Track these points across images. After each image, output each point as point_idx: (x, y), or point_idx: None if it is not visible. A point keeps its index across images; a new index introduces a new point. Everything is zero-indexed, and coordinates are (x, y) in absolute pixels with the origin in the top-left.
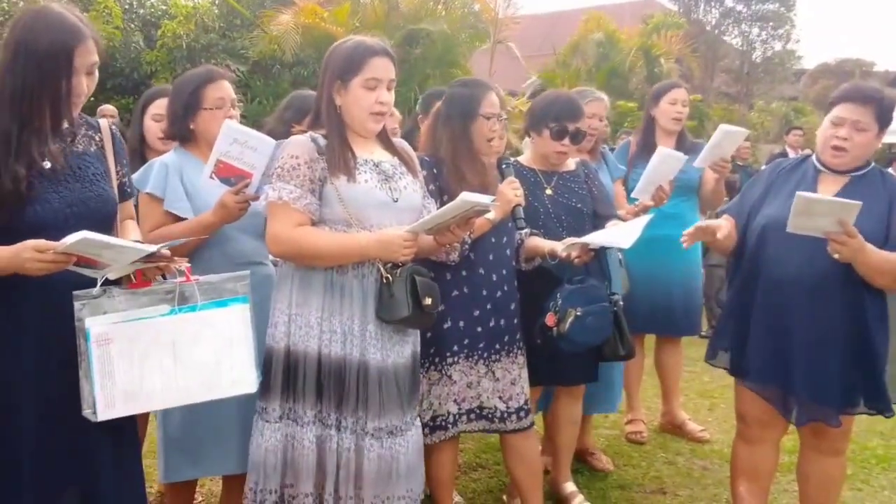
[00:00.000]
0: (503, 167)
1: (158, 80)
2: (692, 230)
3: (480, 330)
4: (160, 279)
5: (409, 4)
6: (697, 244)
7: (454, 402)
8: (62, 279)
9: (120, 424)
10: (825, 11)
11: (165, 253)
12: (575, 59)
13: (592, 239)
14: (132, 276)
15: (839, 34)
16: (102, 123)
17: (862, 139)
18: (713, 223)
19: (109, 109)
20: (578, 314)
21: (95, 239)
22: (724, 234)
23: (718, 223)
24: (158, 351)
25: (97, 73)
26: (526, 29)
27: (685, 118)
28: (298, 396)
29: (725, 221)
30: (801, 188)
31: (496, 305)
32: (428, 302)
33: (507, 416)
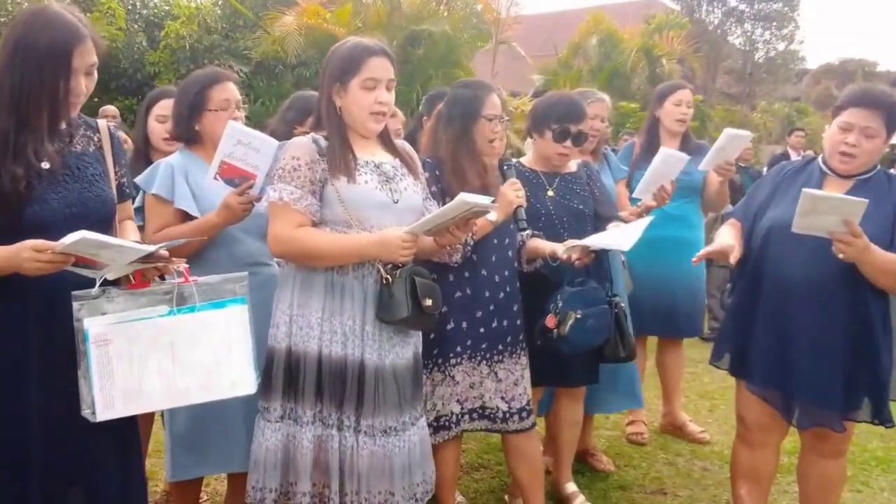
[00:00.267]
0: (505, 168)
1: (162, 80)
2: (703, 253)
3: (483, 331)
4: (157, 280)
5: (411, 5)
6: (701, 243)
7: (457, 402)
8: (61, 279)
9: (121, 425)
10: (828, 11)
11: (164, 254)
12: (577, 59)
13: (593, 241)
14: (131, 276)
15: (842, 34)
16: (101, 124)
17: (870, 146)
18: (725, 246)
19: (111, 110)
20: (579, 316)
21: (94, 239)
22: (736, 256)
23: (730, 245)
24: (157, 352)
25: (96, 73)
26: (528, 29)
27: (690, 119)
28: (299, 396)
29: (735, 240)
30: None
31: (498, 307)
32: (428, 303)
33: (509, 416)
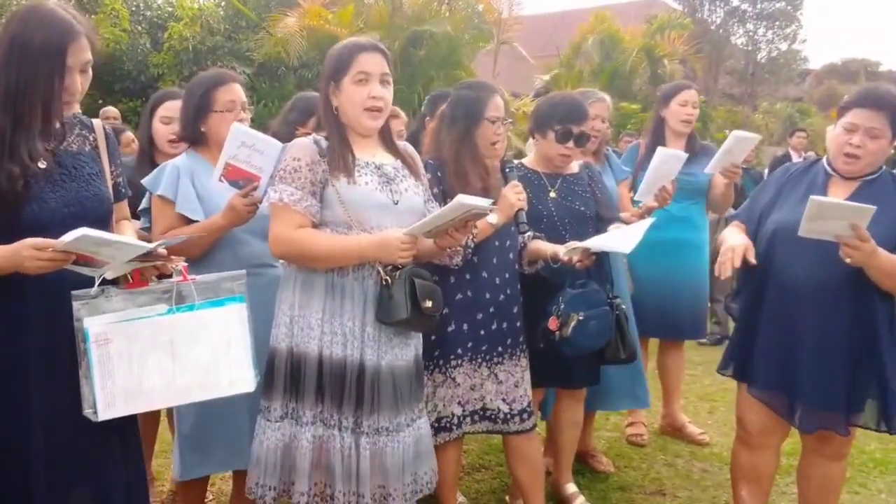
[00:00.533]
0: (507, 170)
1: (165, 82)
2: (726, 262)
3: (483, 333)
4: (154, 280)
5: (412, 5)
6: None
7: (458, 404)
8: (60, 279)
9: (121, 423)
10: (830, 11)
11: (162, 252)
12: (578, 60)
13: (594, 243)
14: (129, 276)
15: (844, 34)
16: (96, 123)
17: (875, 146)
18: (743, 245)
19: (112, 112)
20: (581, 318)
21: (95, 236)
22: (753, 254)
23: (745, 244)
24: (157, 350)
25: (91, 71)
26: (529, 30)
27: (695, 119)
28: (300, 397)
29: (743, 236)
30: (811, 193)
31: (499, 309)
32: (428, 305)
33: (510, 417)
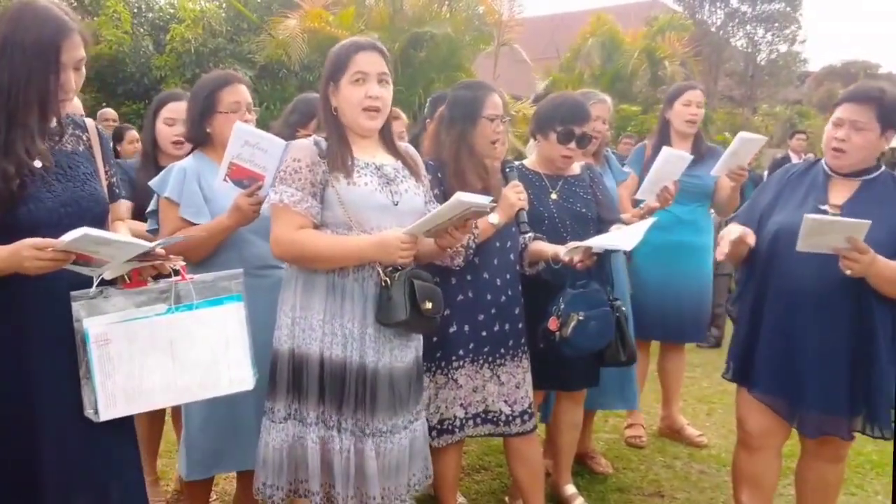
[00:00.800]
0: (507, 171)
1: (168, 84)
2: (726, 249)
3: (485, 334)
4: (151, 280)
5: (413, 7)
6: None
7: (460, 405)
8: (59, 279)
9: (120, 424)
10: (830, 13)
11: (160, 252)
12: (578, 62)
13: (595, 242)
14: (126, 276)
15: (844, 36)
16: (89, 122)
17: (861, 139)
18: (740, 232)
19: (110, 114)
20: (581, 319)
21: (96, 235)
22: (752, 239)
23: (744, 231)
24: (157, 350)
25: (84, 69)
26: (530, 32)
27: (700, 120)
28: (303, 398)
29: (744, 227)
30: (812, 194)
31: (500, 310)
32: (428, 306)
33: (511, 419)
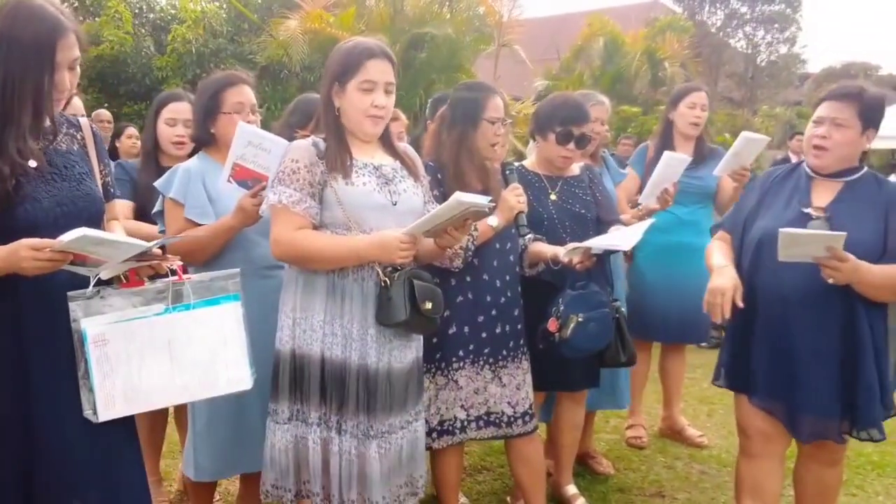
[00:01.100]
0: (507, 172)
1: (169, 85)
2: (715, 307)
3: (485, 336)
4: (148, 280)
5: (413, 8)
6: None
7: (461, 407)
8: (56, 279)
9: (121, 424)
10: (830, 15)
11: (157, 251)
12: (579, 63)
13: (594, 243)
14: (124, 276)
15: (844, 38)
16: (83, 122)
17: (841, 136)
18: (733, 287)
19: (105, 115)
20: (580, 320)
21: (94, 235)
22: (741, 295)
23: (734, 285)
24: (155, 350)
25: (78, 68)
26: (530, 33)
27: (704, 122)
28: (305, 398)
29: (730, 270)
30: (795, 197)
31: (500, 311)
32: (428, 306)
33: (513, 420)
